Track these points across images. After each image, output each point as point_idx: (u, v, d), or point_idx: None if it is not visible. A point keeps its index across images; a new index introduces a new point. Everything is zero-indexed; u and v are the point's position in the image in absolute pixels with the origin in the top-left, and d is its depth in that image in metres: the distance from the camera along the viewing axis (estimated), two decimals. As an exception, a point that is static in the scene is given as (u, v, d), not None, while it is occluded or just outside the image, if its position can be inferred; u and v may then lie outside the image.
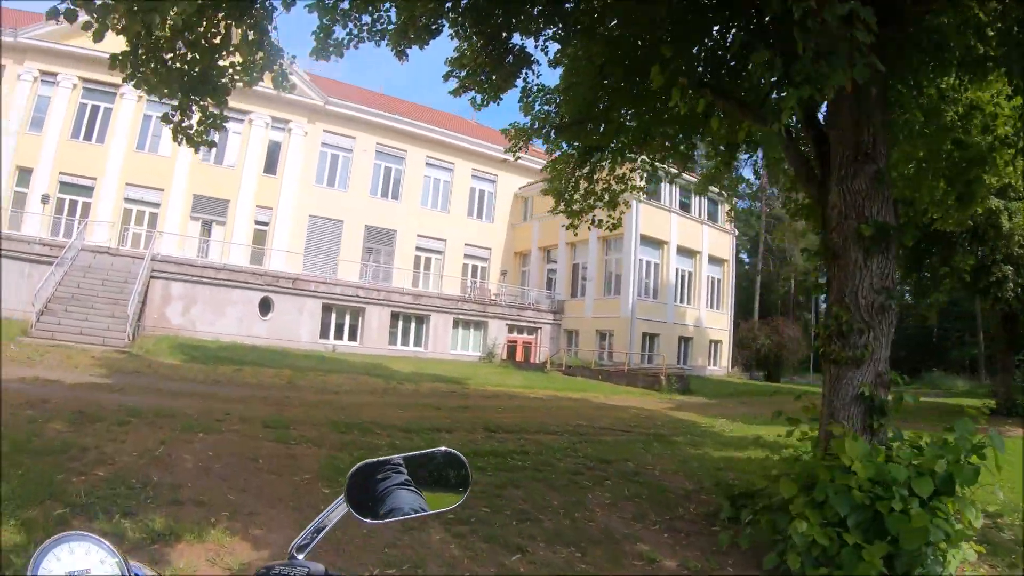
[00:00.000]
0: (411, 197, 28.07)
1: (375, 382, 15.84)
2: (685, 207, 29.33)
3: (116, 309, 18.78)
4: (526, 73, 7.79)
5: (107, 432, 6.76)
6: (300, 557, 1.10)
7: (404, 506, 1.22)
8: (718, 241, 30.44)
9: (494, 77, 7.57)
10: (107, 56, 6.86)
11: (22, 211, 24.52)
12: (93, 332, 17.45)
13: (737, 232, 32.49)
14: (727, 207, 21.90)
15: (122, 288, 19.96)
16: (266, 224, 26.53)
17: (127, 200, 25.59)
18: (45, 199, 23.92)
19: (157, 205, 25.72)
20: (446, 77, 7.81)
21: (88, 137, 25.52)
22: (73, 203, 25.24)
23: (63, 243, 21.15)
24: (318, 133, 26.98)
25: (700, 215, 29.91)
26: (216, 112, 7.05)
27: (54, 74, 25.19)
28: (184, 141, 7.18)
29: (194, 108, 6.81)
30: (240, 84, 6.98)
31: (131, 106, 25.44)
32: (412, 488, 1.23)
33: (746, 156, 10.83)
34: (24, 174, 25.06)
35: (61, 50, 24.95)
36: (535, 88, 8.08)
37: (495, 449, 7.99)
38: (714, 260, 30.45)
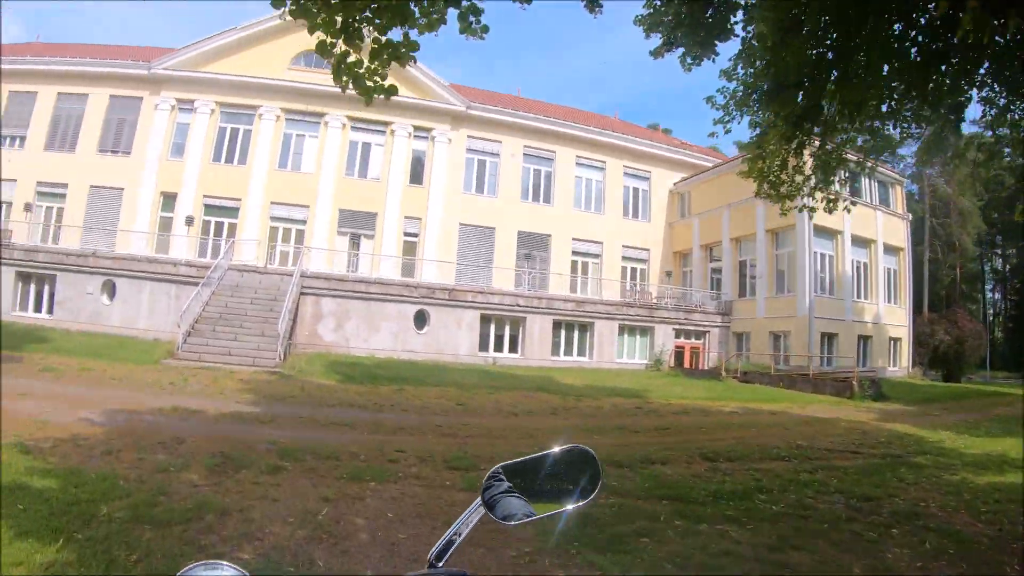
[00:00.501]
0: (563, 200, 26.33)
1: (549, 399, 14.19)
2: (856, 192, 26.99)
3: (266, 327, 17.30)
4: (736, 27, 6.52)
5: (255, 485, 5.61)
6: (440, 565, 1.10)
7: (538, 506, 1.24)
8: (892, 228, 27.86)
9: (701, 33, 6.46)
10: (243, 79, 4.85)
11: (168, 234, 23.56)
12: (242, 352, 16.11)
13: (911, 217, 29.88)
14: (920, 185, 19.52)
15: (272, 306, 18.51)
16: (415, 235, 24.93)
17: (272, 219, 24.34)
18: (189, 220, 22.83)
19: (303, 222, 24.39)
20: (647, 33, 6.70)
21: (229, 159, 24.63)
22: (219, 224, 24.15)
23: (210, 264, 20.13)
24: (462, 139, 25.66)
25: (872, 200, 27.53)
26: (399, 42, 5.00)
27: (191, 101, 24.57)
28: (352, 83, 5.19)
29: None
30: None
31: (270, 126, 24.59)
32: (546, 487, 1.26)
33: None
34: (168, 199, 24.17)
35: (196, 78, 24.46)
36: (751, 43, 6.61)
37: (733, 488, 6.67)
38: (889, 249, 27.79)
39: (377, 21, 4.79)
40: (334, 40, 4.81)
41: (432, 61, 25.21)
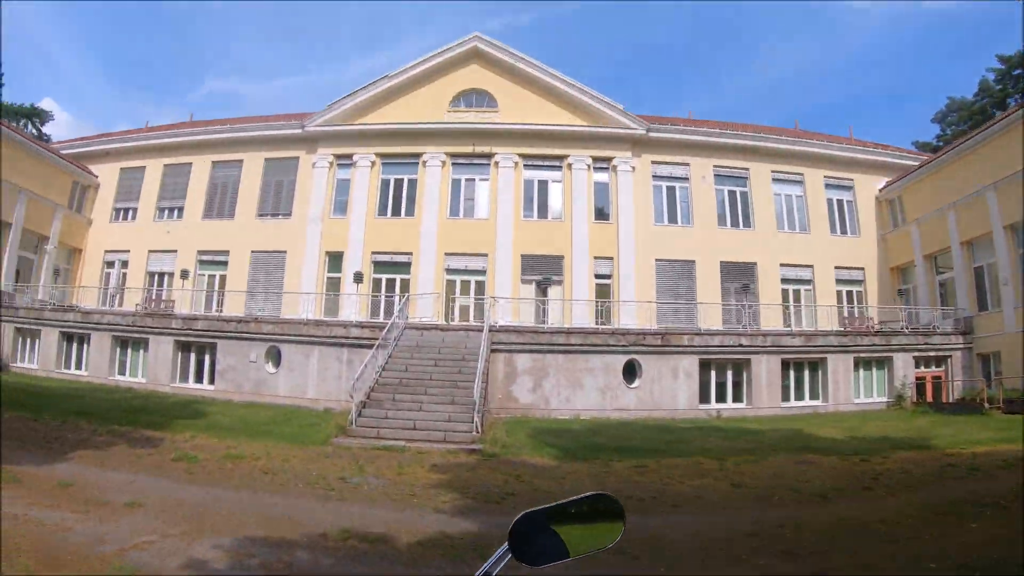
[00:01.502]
0: (764, 221, 23.66)
1: (830, 463, 11.11)
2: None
3: (456, 393, 14.87)
4: None
5: None
6: None
7: (564, 549, 1.35)
8: None
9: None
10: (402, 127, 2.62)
11: (336, 294, 22.28)
12: (430, 424, 13.44)
13: None
14: None
15: (460, 367, 16.19)
16: (608, 276, 22.67)
17: (448, 271, 22.60)
18: (358, 277, 21.26)
19: (482, 272, 22.52)
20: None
21: (396, 212, 23.23)
22: (390, 281, 22.61)
23: (383, 323, 18.39)
24: (646, 166, 23.56)
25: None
26: None
27: (349, 156, 23.51)
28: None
29: None
30: None
31: (436, 173, 23.15)
32: (571, 533, 1.37)
33: None
34: (334, 259, 22.86)
35: (352, 131, 23.52)
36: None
37: None
38: None
39: None
40: None
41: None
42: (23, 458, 8.87)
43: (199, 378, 19.52)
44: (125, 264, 24.86)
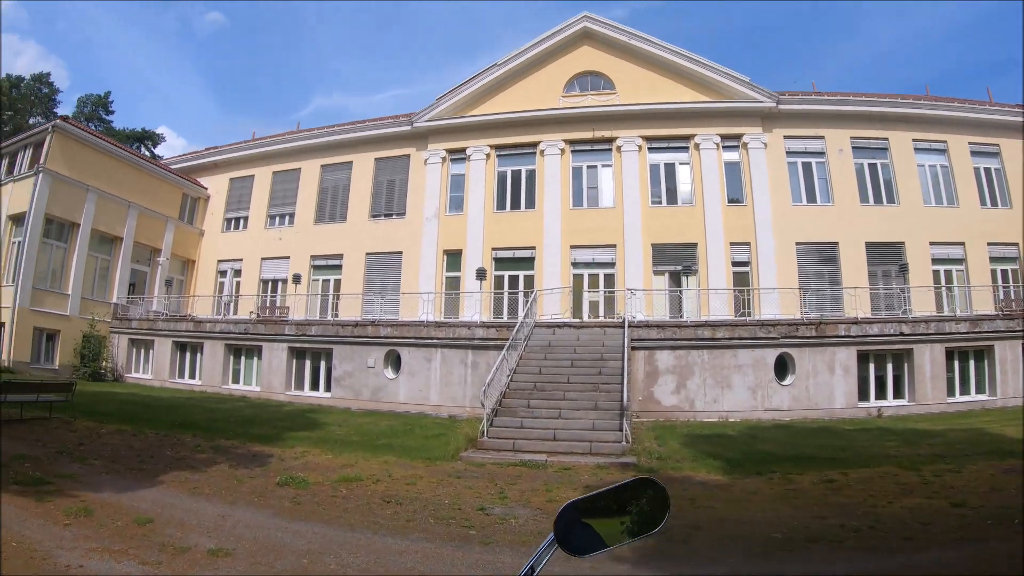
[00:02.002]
0: (909, 195, 22.19)
1: None
2: None
3: (599, 397, 13.69)
4: None
5: None
6: None
7: (609, 538, 1.37)
8: None
9: None
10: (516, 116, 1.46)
11: (456, 293, 21.87)
12: (572, 435, 12.07)
13: None
14: None
15: (599, 367, 15.15)
16: (745, 263, 21.58)
17: (575, 264, 21.81)
18: (481, 274, 20.61)
19: (610, 264, 21.68)
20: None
21: (516, 205, 22.59)
22: (512, 278, 21.91)
23: (508, 323, 17.68)
24: (778, 142, 22.35)
25: None
26: None
27: (462, 150, 22.91)
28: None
29: None
30: None
31: (555, 163, 22.41)
32: (616, 519, 1.39)
33: None
34: (452, 258, 22.33)
35: (464, 124, 23.00)
36: None
37: None
38: None
39: None
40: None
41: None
42: (106, 483, 8.02)
43: (315, 385, 19.33)
44: (238, 272, 24.95)
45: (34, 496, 6.81)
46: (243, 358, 20.62)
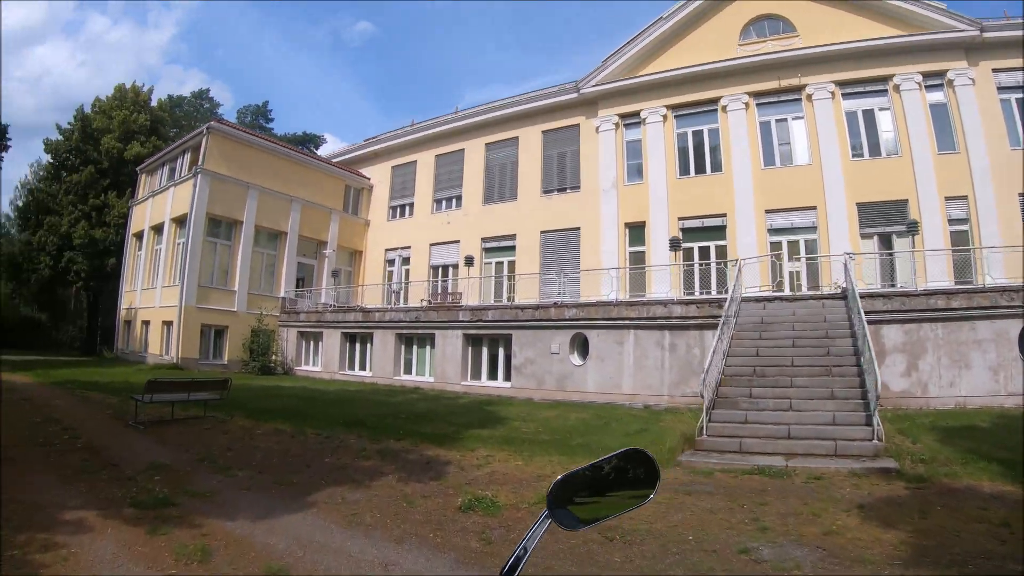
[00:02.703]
0: None
1: None
2: None
3: (835, 383, 11.85)
4: None
5: None
6: None
7: (600, 510, 1.41)
8: None
9: None
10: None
11: (642, 267, 21.30)
12: (810, 431, 10.22)
13: None
14: None
15: (827, 347, 13.34)
16: (964, 220, 19.58)
17: (771, 231, 20.64)
18: (675, 244, 19.69)
19: (811, 228, 20.33)
20: None
21: (700, 169, 21.82)
22: (703, 249, 21.04)
23: (706, 299, 16.87)
24: (986, 77, 20.01)
25: None
26: None
27: (635, 114, 21.99)
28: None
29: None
30: None
31: (740, 118, 21.01)
32: (607, 491, 1.42)
33: None
34: (635, 231, 21.60)
35: (635, 85, 22.21)
36: None
37: None
38: None
39: None
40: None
41: None
42: (243, 505, 6.47)
43: (492, 375, 18.86)
44: (406, 260, 25.58)
45: (148, 525, 5.58)
46: (415, 347, 20.74)
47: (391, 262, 26.70)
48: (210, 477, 7.72)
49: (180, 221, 24.59)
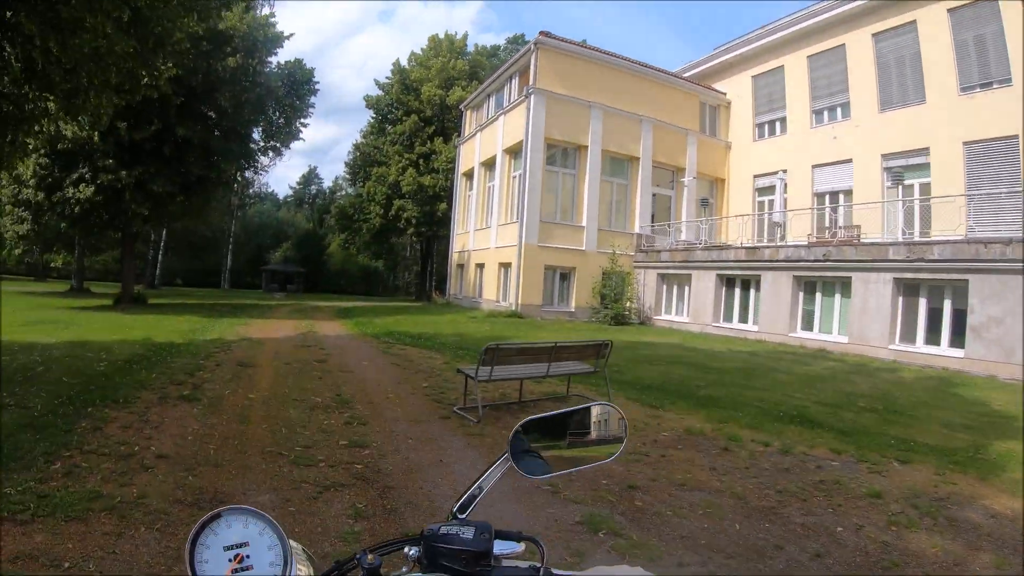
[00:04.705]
0: None
1: None
2: None
3: None
4: None
5: None
6: (463, 517, 1.19)
7: (564, 462, 1.41)
8: None
9: None
10: None
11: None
12: None
13: None
14: None
15: None
16: None
17: None
18: None
19: None
20: None
21: None
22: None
23: None
24: None
25: None
26: None
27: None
28: None
29: None
30: None
31: None
32: (572, 443, 1.44)
33: None
34: None
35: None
36: None
37: None
38: None
39: None
40: None
41: None
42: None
43: (934, 337, 15.70)
44: (784, 187, 23.56)
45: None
46: (819, 295, 18.73)
47: (763, 190, 25.44)
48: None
49: (514, 152, 25.52)
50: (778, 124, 25.49)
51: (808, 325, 18.94)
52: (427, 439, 6.75)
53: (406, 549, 1.09)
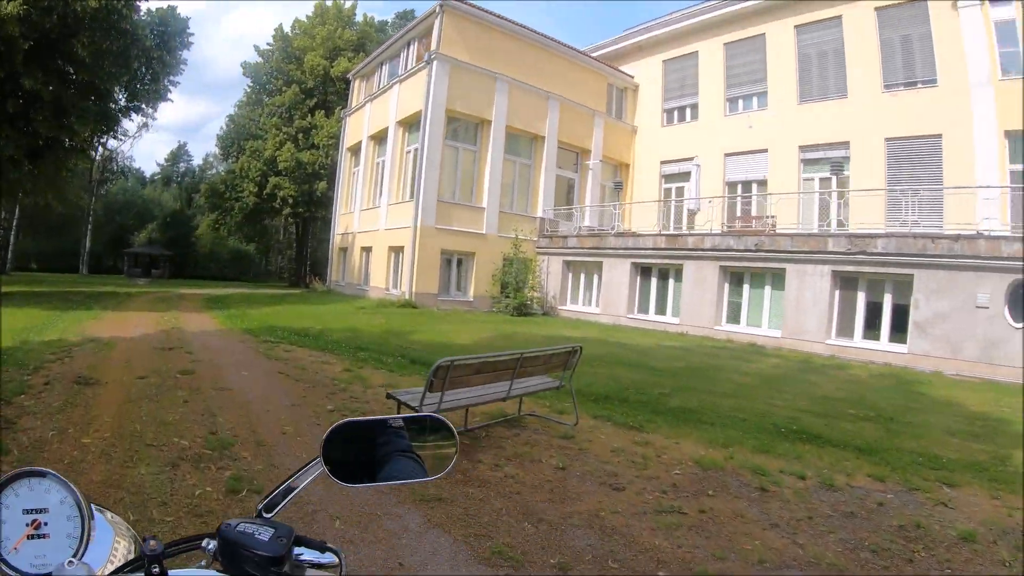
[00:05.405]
0: None
1: None
2: None
3: None
4: None
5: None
6: (268, 516, 1.10)
7: (383, 472, 1.25)
8: None
9: None
10: None
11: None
12: None
13: None
14: None
15: None
16: None
17: None
18: None
19: None
20: None
21: None
22: None
23: None
24: None
25: None
26: None
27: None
28: None
29: None
30: None
31: None
32: (393, 454, 1.26)
33: None
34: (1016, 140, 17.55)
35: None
36: None
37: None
38: None
39: None
40: None
41: None
42: None
43: (872, 332, 15.31)
44: (685, 176, 22.24)
45: None
46: (746, 286, 17.78)
47: (670, 177, 23.87)
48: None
49: (409, 124, 23.06)
50: (688, 110, 24.22)
51: (735, 318, 17.99)
52: (363, 517, 3.88)
53: (204, 542, 1.01)
